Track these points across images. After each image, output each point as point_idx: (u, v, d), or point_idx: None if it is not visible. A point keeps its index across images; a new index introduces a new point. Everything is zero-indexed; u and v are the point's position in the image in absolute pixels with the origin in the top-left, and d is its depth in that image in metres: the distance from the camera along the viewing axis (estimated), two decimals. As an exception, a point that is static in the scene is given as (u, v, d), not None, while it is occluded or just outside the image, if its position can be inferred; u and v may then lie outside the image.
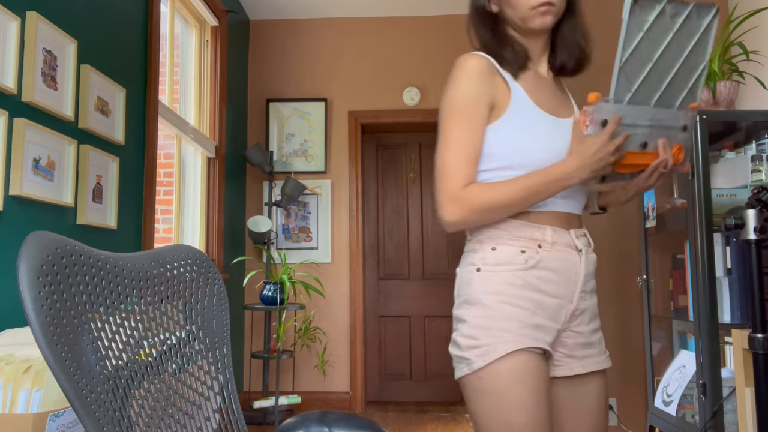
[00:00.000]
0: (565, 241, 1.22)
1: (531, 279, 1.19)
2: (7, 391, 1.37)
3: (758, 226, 1.58)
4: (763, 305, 1.58)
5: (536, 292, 1.19)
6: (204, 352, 1.00)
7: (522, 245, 1.20)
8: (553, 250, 1.20)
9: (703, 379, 2.38)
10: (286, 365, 4.37)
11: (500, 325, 1.16)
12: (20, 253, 0.70)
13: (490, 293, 1.19)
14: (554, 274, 1.20)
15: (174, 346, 0.95)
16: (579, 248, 1.23)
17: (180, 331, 0.97)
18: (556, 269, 1.20)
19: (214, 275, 1.04)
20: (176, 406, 0.93)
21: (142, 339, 0.89)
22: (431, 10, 4.48)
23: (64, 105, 2.14)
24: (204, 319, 1.02)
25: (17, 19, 1.89)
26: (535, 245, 1.20)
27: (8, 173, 1.84)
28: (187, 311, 1.00)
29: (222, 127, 3.90)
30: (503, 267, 1.19)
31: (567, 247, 1.22)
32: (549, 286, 1.20)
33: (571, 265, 1.21)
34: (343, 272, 4.42)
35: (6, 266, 1.85)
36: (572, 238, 1.22)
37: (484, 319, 1.18)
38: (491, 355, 1.14)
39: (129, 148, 2.65)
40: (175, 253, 1.00)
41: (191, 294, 1.00)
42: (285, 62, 4.57)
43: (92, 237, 2.33)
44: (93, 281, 0.81)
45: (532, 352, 1.16)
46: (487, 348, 1.15)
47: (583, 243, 1.24)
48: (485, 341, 1.16)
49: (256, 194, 4.49)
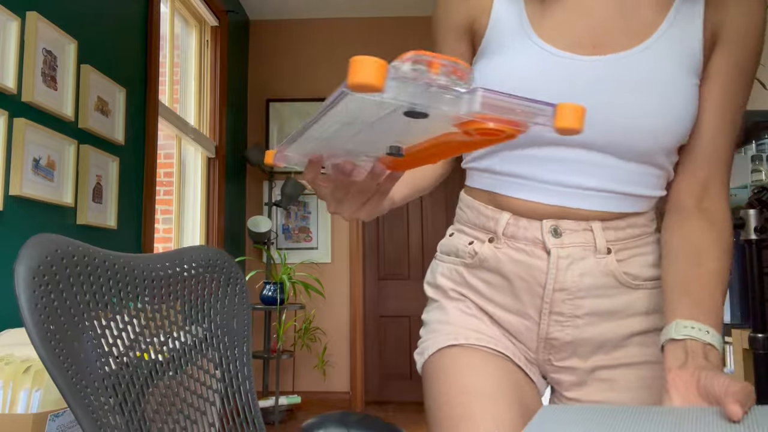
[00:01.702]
0: (527, 236, 0.83)
1: (473, 281, 0.89)
2: (7, 391, 1.37)
3: (758, 226, 1.57)
4: (763, 305, 1.58)
5: (481, 298, 0.89)
6: (222, 350, 1.01)
7: (474, 234, 0.89)
8: (504, 247, 0.84)
9: (703, 379, 2.37)
10: (286, 365, 4.37)
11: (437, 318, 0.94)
12: (19, 254, 0.71)
13: (431, 285, 0.97)
14: (505, 280, 0.85)
15: (188, 345, 0.96)
16: (548, 248, 0.81)
17: (197, 329, 0.98)
18: (507, 274, 0.84)
19: (236, 275, 1.05)
20: (187, 402, 0.93)
21: (152, 337, 0.90)
22: (432, 9, 4.48)
23: (64, 105, 2.14)
24: (223, 318, 1.02)
25: (17, 19, 1.89)
26: (485, 237, 0.87)
27: (8, 173, 1.84)
28: (206, 310, 1.00)
29: (222, 127, 3.90)
30: (450, 258, 0.93)
31: (529, 244, 0.83)
32: (498, 295, 0.87)
33: (529, 270, 0.83)
34: (343, 272, 4.42)
35: (6, 266, 1.85)
36: (542, 233, 0.82)
37: (426, 313, 0.98)
38: (425, 353, 0.91)
39: (129, 148, 2.65)
40: (194, 254, 1.00)
41: (210, 294, 1.01)
42: (285, 62, 4.57)
43: (92, 237, 2.33)
44: (98, 281, 0.81)
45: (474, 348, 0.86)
46: (423, 346, 0.93)
47: (571, 241, 0.81)
48: (424, 338, 0.95)
49: (256, 194, 4.49)
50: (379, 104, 0.40)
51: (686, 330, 0.70)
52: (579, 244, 0.81)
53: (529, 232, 0.82)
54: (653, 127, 0.77)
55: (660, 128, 0.77)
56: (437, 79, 0.37)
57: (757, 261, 1.61)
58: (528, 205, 0.82)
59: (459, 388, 0.83)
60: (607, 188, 0.80)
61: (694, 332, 0.70)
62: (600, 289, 0.82)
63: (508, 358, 0.86)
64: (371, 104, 0.40)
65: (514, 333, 0.87)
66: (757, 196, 1.62)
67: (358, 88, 0.36)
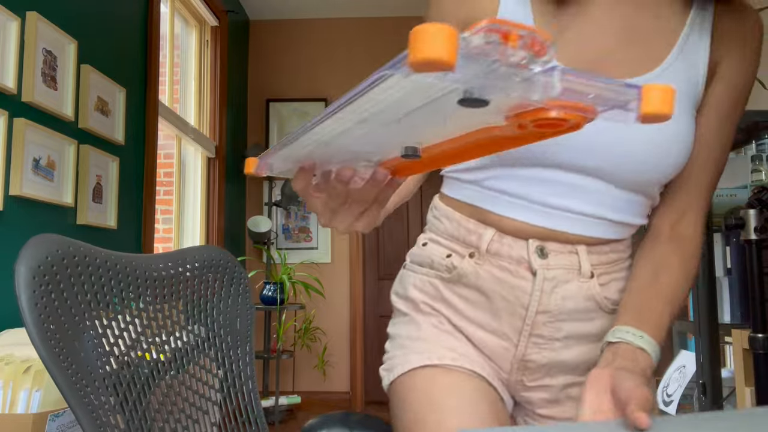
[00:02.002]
0: (512, 255, 0.80)
1: (450, 296, 0.85)
2: (7, 391, 1.37)
3: (758, 226, 1.57)
4: (763, 305, 1.58)
5: (456, 315, 0.85)
6: (225, 350, 1.01)
7: (452, 247, 0.85)
8: (486, 264, 0.81)
9: (703, 379, 2.38)
10: (286, 365, 4.37)
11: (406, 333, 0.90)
12: (20, 254, 0.71)
13: (400, 297, 0.93)
14: (484, 298, 0.83)
15: (191, 344, 0.96)
16: (534, 269, 0.79)
17: (199, 329, 0.98)
18: (487, 292, 0.82)
19: (239, 275, 1.05)
20: (189, 401, 0.93)
21: (154, 336, 0.90)
22: (431, 10, 4.48)
23: (64, 105, 2.14)
24: (226, 317, 1.03)
25: (17, 19, 1.89)
26: (466, 251, 0.83)
27: (8, 173, 1.84)
28: (208, 310, 1.00)
29: (222, 127, 3.90)
30: (423, 269, 0.89)
31: (513, 263, 0.80)
32: (476, 312, 0.84)
33: (512, 290, 0.80)
34: (343, 272, 4.42)
35: (6, 266, 1.85)
36: (528, 252, 0.79)
37: (392, 326, 0.94)
38: (394, 371, 0.88)
39: (129, 148, 2.65)
40: (197, 254, 1.00)
41: (213, 293, 1.01)
42: (285, 62, 4.57)
43: (92, 237, 2.33)
44: (100, 281, 0.81)
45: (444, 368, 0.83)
46: (391, 363, 0.90)
47: (557, 262, 0.79)
48: (392, 353, 0.91)
49: (256, 194, 4.49)
50: (429, 89, 0.31)
51: (620, 334, 0.72)
52: (564, 267, 0.79)
53: (514, 250, 0.80)
54: (656, 160, 0.76)
55: (662, 161, 0.76)
56: (513, 54, 0.29)
57: (757, 261, 1.61)
58: (514, 224, 0.80)
59: (437, 412, 0.79)
60: (596, 214, 0.79)
61: (628, 336, 0.72)
62: (581, 313, 0.81)
63: (484, 378, 0.83)
64: (420, 89, 0.32)
65: (489, 352, 0.84)
66: (757, 196, 1.62)
67: (423, 66, 0.27)
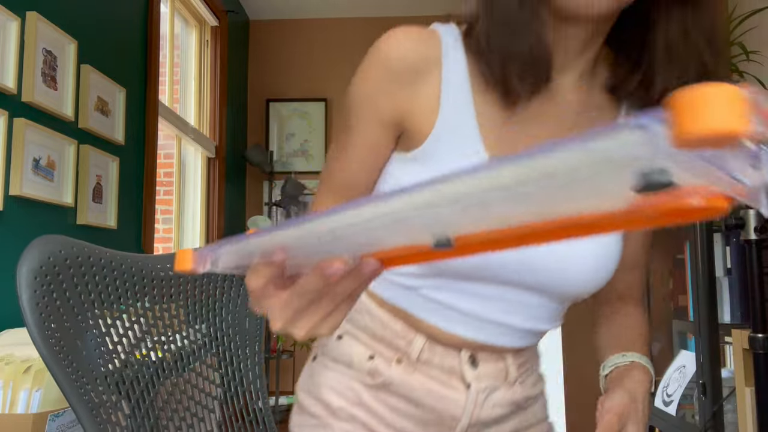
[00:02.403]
0: (444, 365, 0.75)
1: (374, 404, 0.77)
2: (6, 391, 1.37)
3: (758, 226, 1.58)
4: (763, 305, 1.58)
5: (379, 424, 0.77)
6: (233, 349, 1.01)
7: (375, 347, 0.77)
8: (417, 373, 0.75)
9: (703, 379, 2.38)
10: (286, 365, 4.37)
11: None
12: (22, 255, 0.71)
13: (311, 396, 0.82)
14: (412, 407, 0.76)
15: (197, 343, 0.96)
16: (467, 381, 0.75)
17: (207, 328, 0.98)
18: (416, 401, 0.76)
19: None
20: (195, 400, 0.94)
21: (159, 335, 0.90)
22: (432, 9, 4.48)
23: (64, 105, 2.14)
24: (235, 316, 1.03)
25: (17, 19, 1.89)
26: (393, 356, 0.76)
27: (8, 173, 1.84)
28: (216, 309, 1.01)
29: (222, 127, 3.90)
30: (339, 367, 0.80)
31: (445, 373, 0.75)
32: (402, 422, 0.77)
33: (441, 400, 0.75)
34: (342, 272, 4.42)
35: (6, 266, 1.85)
36: (460, 363, 0.75)
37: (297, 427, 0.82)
38: None
39: (129, 148, 2.65)
40: None
41: (222, 293, 1.01)
42: (285, 62, 4.57)
43: (92, 237, 2.33)
44: (104, 281, 0.81)
45: None
46: None
47: (486, 372, 0.76)
48: None
49: (256, 194, 4.49)
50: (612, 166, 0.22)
51: (611, 361, 0.77)
52: (493, 375, 0.76)
53: (446, 360, 0.75)
54: (604, 274, 0.73)
55: (609, 271, 0.73)
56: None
57: (757, 261, 1.61)
58: (446, 335, 0.74)
59: None
60: (531, 328, 0.76)
61: (617, 359, 0.77)
62: (505, 417, 0.79)
63: None
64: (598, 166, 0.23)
65: None
66: (757, 196, 1.62)
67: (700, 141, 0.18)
